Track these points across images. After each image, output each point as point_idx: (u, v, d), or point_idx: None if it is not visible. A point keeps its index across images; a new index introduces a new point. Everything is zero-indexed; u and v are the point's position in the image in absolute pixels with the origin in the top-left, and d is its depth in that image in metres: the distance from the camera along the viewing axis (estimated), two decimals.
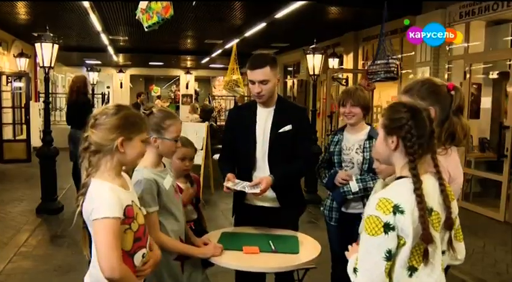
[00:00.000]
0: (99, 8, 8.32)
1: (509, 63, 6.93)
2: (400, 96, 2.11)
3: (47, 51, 6.38)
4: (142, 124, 1.88)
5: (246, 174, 2.82)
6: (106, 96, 14.42)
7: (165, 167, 2.40)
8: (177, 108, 20.74)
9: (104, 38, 11.19)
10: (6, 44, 10.75)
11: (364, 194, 2.92)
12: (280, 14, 8.15)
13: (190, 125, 8.44)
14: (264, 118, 2.84)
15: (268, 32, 10.28)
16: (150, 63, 19.07)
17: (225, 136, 3.16)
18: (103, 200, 1.70)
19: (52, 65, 6.48)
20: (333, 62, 10.32)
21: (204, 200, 7.24)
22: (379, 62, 6.02)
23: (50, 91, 14.88)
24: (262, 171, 2.81)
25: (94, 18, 8.77)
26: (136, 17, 4.98)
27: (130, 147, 1.81)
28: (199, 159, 7.35)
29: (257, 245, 2.51)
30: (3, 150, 10.44)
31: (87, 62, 15.94)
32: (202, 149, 7.48)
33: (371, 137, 2.98)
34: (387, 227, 1.58)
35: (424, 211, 1.57)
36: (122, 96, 19.58)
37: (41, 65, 6.46)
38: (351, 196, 2.95)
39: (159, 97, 20.41)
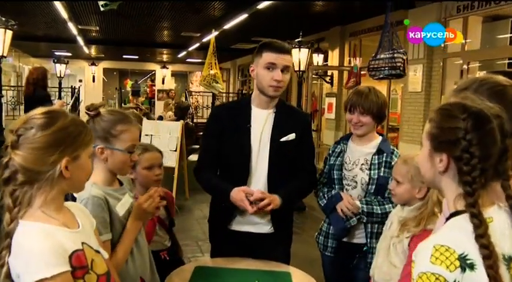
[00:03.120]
0: None
1: (508, 62, 6.48)
2: (451, 99, 1.55)
3: None
4: (88, 133, 1.37)
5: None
6: (76, 91, 13.54)
7: (121, 185, 1.84)
8: (151, 103, 20.08)
9: (73, 28, 10.40)
10: None
11: (367, 220, 2.36)
12: (262, 5, 7.57)
13: (163, 123, 7.78)
14: (261, 121, 2.31)
15: (248, 26, 9.75)
16: (124, 56, 18.22)
17: (206, 141, 2.48)
18: (34, 253, 1.18)
19: (4, 54, 5.80)
20: (318, 58, 9.81)
21: (178, 207, 6.72)
22: (382, 56, 5.37)
23: (16, 84, 14.21)
24: (256, 186, 2.28)
25: (59, 5, 8.00)
26: None
27: (78, 168, 1.31)
28: (173, 161, 6.79)
29: None
30: None
31: (56, 53, 15.07)
32: (176, 150, 6.88)
33: (381, 151, 2.41)
34: None
35: (496, 267, 1.06)
36: (95, 91, 18.71)
37: None
38: (355, 222, 2.36)
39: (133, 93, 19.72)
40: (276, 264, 2.26)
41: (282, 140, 2.28)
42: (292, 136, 2.30)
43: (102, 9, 4.30)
